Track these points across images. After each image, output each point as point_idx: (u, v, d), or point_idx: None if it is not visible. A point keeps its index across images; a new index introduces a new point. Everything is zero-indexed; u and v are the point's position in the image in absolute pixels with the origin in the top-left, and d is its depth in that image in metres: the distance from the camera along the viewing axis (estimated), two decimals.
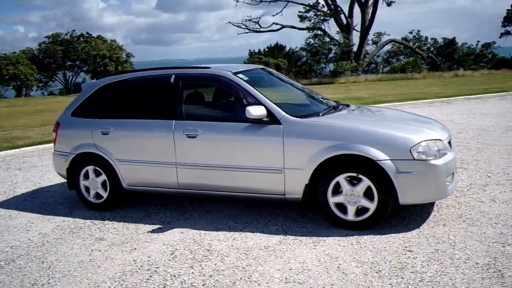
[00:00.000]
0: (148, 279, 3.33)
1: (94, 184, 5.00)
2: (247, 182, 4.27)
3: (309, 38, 37.95)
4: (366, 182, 3.81)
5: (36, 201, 5.54)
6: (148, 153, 4.67)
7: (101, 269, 3.55)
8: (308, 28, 36.29)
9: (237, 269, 3.38)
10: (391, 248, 3.53)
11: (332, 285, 3.05)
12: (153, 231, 4.29)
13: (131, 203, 5.13)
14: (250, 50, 41.64)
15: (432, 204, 4.32)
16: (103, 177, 4.93)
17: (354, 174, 3.85)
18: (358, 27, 34.34)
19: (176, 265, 3.53)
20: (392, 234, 3.78)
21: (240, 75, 4.54)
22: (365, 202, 3.86)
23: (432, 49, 42.76)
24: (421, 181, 3.72)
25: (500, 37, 44.13)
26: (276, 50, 41.05)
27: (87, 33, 46.96)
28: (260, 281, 3.17)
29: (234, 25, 36.04)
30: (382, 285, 3.00)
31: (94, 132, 4.90)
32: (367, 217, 3.88)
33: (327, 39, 36.44)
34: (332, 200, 3.96)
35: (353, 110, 4.80)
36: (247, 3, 35.58)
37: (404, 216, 4.13)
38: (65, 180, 5.25)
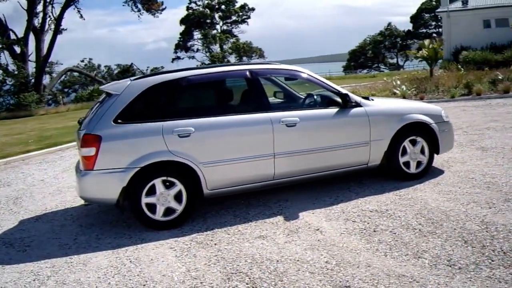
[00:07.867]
0: (379, 241, 3.80)
1: (164, 198, 4.36)
2: (340, 159, 4.95)
3: None
4: (421, 142, 5.26)
5: (48, 247, 4.15)
6: (242, 149, 4.58)
7: (340, 246, 3.70)
8: None
9: (426, 211, 4.25)
10: (469, 182, 4.96)
11: (491, 201, 4.40)
12: (287, 219, 4.38)
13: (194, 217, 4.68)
14: None
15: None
16: (178, 187, 4.39)
17: (414, 137, 5.23)
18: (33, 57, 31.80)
19: (385, 224, 4.03)
20: (453, 178, 5.21)
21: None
22: (421, 157, 5.29)
23: (106, 76, 44.78)
24: (449, 135, 5.51)
25: (172, 62, 52.18)
26: None
27: None
28: (453, 213, 4.18)
29: None
30: None
31: (167, 137, 4.31)
32: (423, 168, 5.32)
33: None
34: (401, 160, 5.20)
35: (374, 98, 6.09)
36: None
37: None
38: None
